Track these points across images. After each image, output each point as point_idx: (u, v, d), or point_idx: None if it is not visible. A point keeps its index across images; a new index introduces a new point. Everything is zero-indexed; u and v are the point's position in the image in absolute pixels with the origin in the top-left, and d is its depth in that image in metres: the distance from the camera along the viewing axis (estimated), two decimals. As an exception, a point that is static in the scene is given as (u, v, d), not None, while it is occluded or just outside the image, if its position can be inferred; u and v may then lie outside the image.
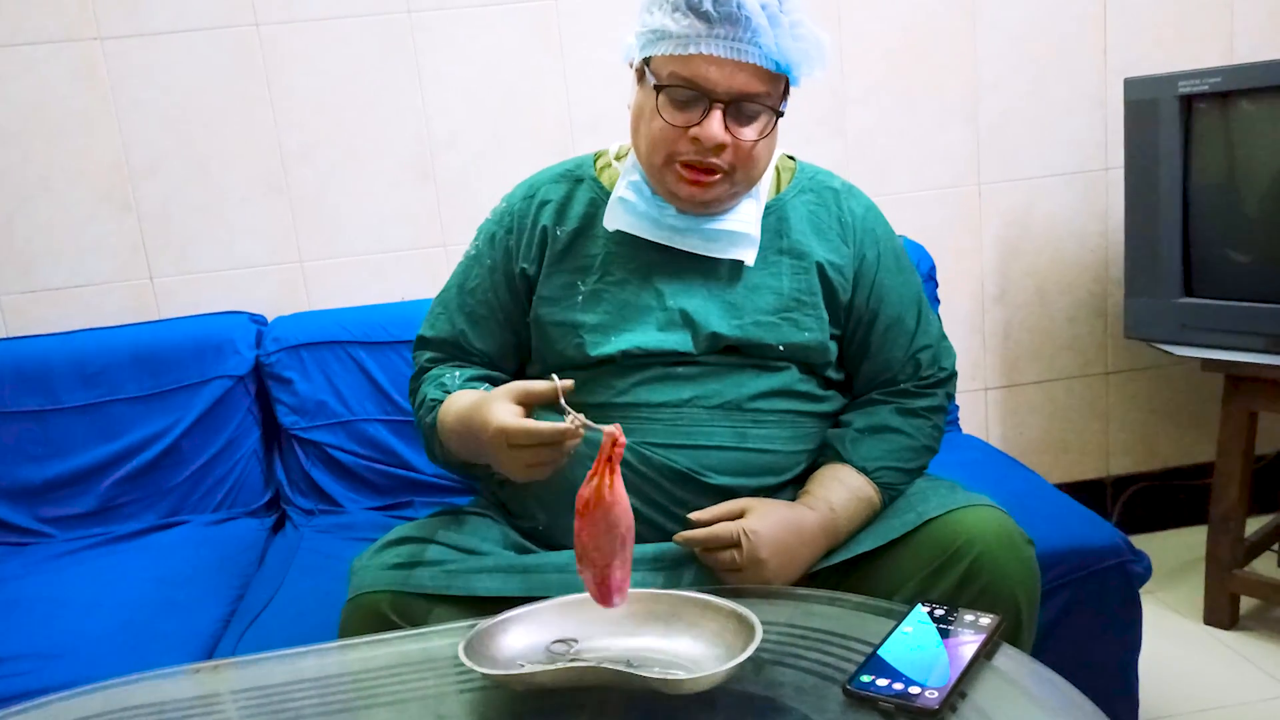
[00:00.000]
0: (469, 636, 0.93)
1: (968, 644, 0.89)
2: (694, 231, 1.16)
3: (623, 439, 0.90)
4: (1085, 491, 2.25)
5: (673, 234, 1.17)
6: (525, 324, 1.23)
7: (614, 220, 1.18)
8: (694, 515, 1.10)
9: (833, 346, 1.21)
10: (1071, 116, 2.11)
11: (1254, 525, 1.97)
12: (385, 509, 1.74)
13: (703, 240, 1.16)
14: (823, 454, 1.20)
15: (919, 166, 2.09)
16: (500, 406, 1.00)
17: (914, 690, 0.82)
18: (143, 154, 1.88)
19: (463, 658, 0.89)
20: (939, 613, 0.95)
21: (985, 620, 0.93)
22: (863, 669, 0.86)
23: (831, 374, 1.23)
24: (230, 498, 1.78)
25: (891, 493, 1.16)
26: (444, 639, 1.00)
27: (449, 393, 1.17)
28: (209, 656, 1.34)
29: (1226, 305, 1.75)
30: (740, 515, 1.09)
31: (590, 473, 0.92)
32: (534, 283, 1.22)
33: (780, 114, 1.14)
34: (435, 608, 1.05)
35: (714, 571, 1.09)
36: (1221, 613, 1.90)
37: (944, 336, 1.28)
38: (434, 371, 1.23)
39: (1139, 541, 1.76)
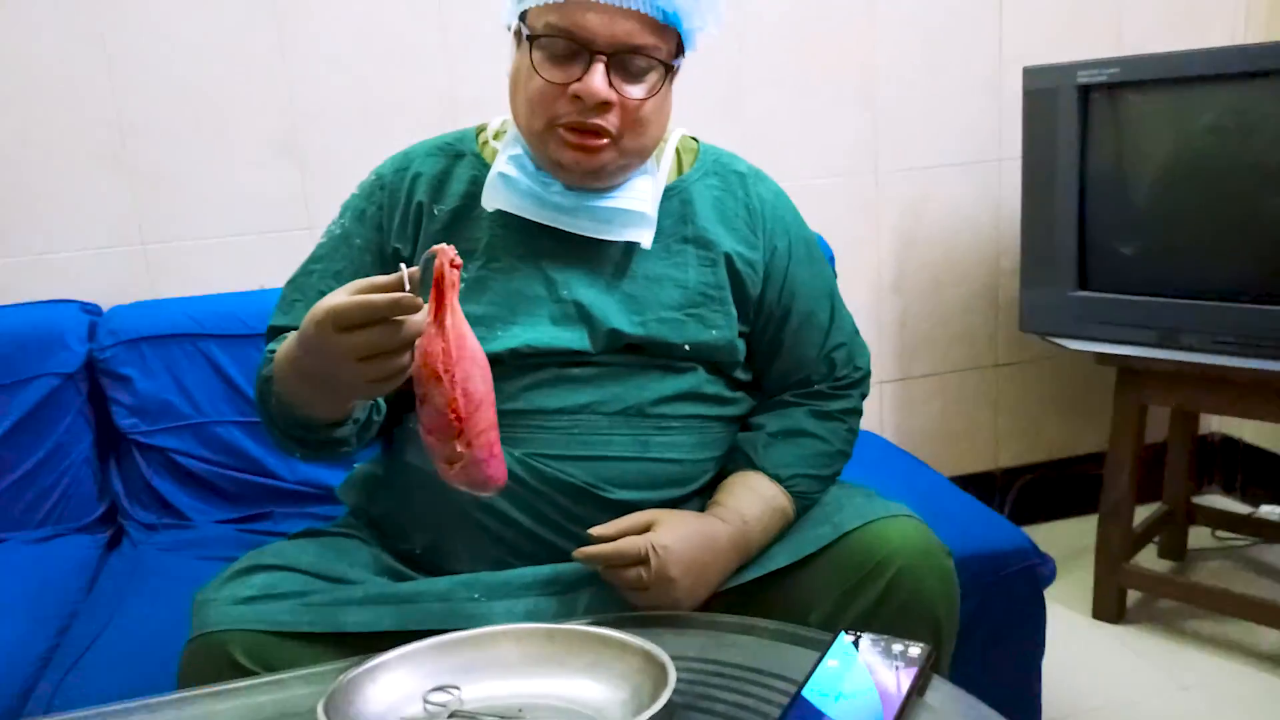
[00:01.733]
0: (331, 689, 0.79)
1: (899, 679, 0.81)
2: (582, 210, 1.05)
3: (457, 259, 0.81)
4: (976, 483, 2.24)
5: (559, 214, 1.05)
6: None
7: (493, 199, 1.06)
8: (596, 530, 0.99)
9: (741, 345, 1.11)
10: (966, 104, 2.09)
11: (1138, 515, 1.98)
12: (241, 522, 1.58)
13: (592, 221, 1.05)
14: (732, 460, 1.11)
15: (817, 153, 2.03)
16: (333, 295, 0.84)
17: (847, 740, 0.73)
18: (-50, 118, 1.64)
19: (322, 717, 0.76)
20: (866, 643, 0.86)
21: (915, 651, 0.85)
22: (788, 713, 0.77)
23: (740, 374, 1.14)
24: (57, 511, 1.58)
25: (805, 501, 1.09)
26: (304, 688, 0.87)
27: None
28: (21, 707, 1.16)
29: (1120, 299, 1.74)
30: (647, 528, 0.99)
31: (431, 317, 0.80)
32: (409, 265, 1.08)
33: (671, 70, 1.03)
34: (295, 649, 0.92)
35: (617, 591, 0.98)
36: (1110, 607, 1.91)
37: (857, 333, 1.21)
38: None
39: (1029, 534, 1.75)
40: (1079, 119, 1.73)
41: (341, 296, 0.82)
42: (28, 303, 1.67)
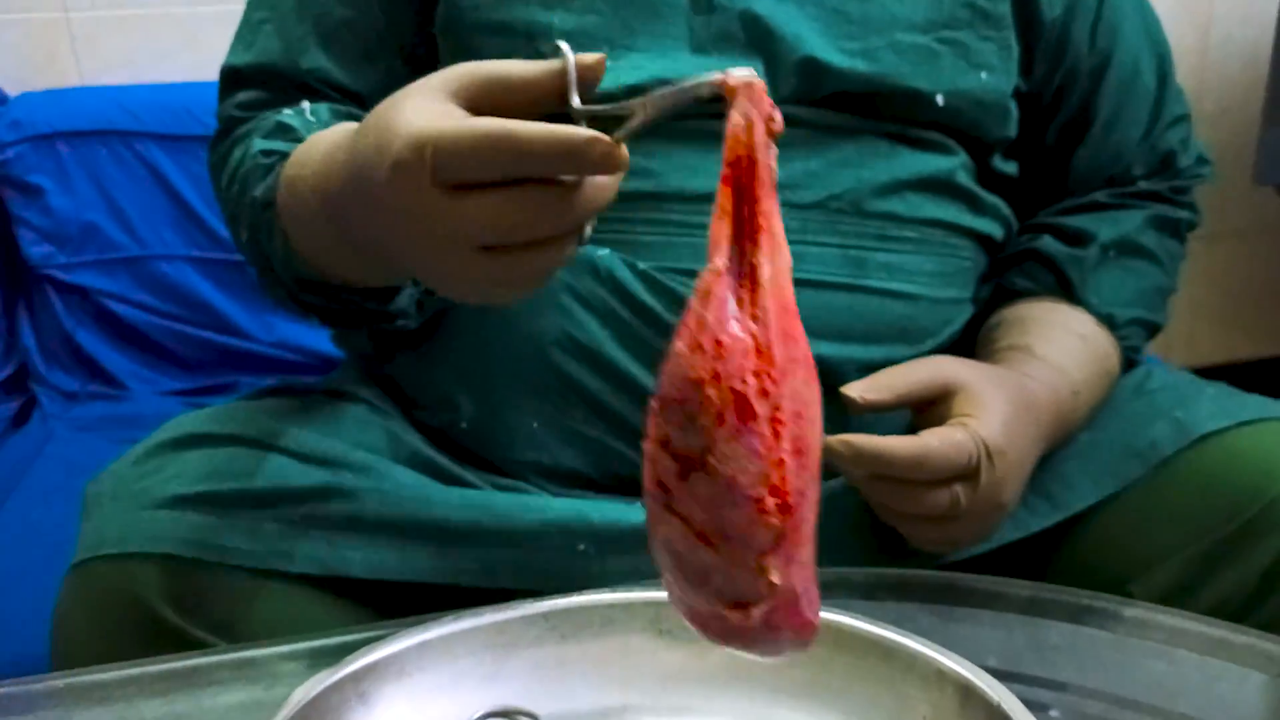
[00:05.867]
0: (296, 702, 0.39)
1: None
2: None
3: (777, 115, 0.36)
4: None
5: None
6: (424, 38, 0.72)
7: None
8: (861, 389, 0.59)
9: (1014, 109, 0.71)
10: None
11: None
12: (193, 394, 1.26)
13: None
14: (1023, 275, 0.73)
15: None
16: (420, 103, 0.45)
17: None
18: None
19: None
20: None
21: None
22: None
23: (999, 164, 0.73)
24: (-57, 372, 1.27)
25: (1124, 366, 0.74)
26: (276, 678, 0.49)
27: (298, 140, 0.61)
28: None
29: None
30: (944, 394, 0.60)
31: (724, 249, 0.36)
32: None
33: None
34: (259, 590, 0.57)
35: (891, 520, 0.60)
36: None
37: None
38: (259, 121, 0.68)
39: None
40: None
41: (442, 111, 0.44)
42: (-100, 81, 1.32)
